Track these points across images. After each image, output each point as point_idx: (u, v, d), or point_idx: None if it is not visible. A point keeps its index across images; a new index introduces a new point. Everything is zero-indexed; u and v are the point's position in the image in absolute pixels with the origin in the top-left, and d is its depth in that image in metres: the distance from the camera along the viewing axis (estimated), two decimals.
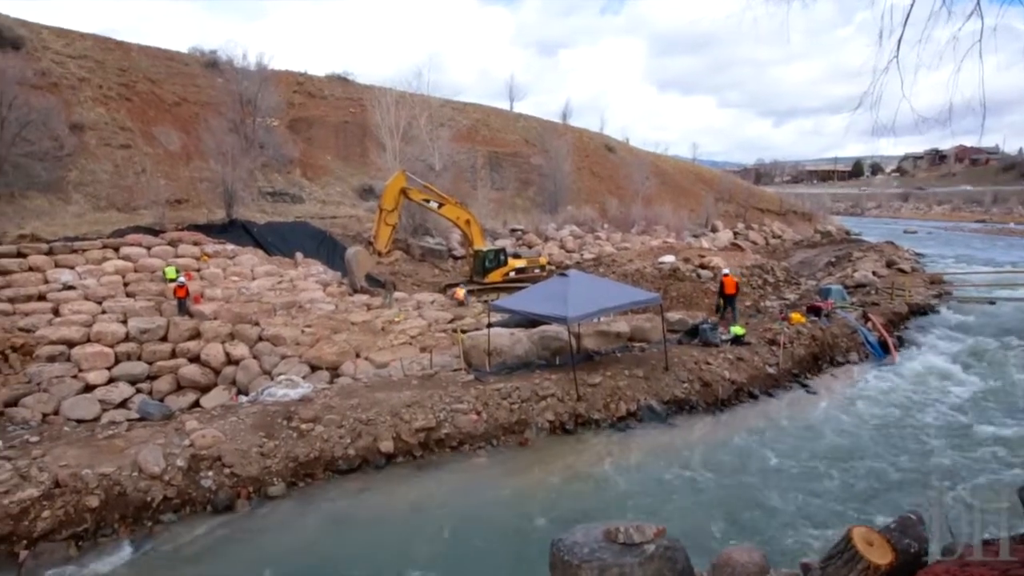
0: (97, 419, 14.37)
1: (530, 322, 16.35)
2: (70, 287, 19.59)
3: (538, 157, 46.20)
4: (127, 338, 17.47)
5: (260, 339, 17.84)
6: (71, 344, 16.82)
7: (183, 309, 19.19)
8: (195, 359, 17.29)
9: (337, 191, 35.13)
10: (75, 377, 15.83)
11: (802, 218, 59.09)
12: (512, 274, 26.85)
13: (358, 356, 17.06)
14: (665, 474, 11.42)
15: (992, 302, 25.00)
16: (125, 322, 18.07)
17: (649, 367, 14.99)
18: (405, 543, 9.27)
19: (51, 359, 16.16)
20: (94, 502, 9.34)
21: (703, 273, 26.84)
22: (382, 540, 9.39)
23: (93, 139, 27.81)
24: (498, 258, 27.07)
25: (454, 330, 18.53)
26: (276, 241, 26.48)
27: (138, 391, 16.18)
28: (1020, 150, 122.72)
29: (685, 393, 14.45)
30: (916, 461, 11.86)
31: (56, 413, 14.55)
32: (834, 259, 37.69)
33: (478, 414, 12.68)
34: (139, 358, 17.10)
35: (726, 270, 21.94)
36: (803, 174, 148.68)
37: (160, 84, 33.19)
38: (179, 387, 16.71)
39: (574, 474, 11.53)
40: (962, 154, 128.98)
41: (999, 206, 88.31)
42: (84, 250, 21.35)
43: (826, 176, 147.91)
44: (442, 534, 9.48)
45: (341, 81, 43.60)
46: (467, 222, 27.16)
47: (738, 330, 17.28)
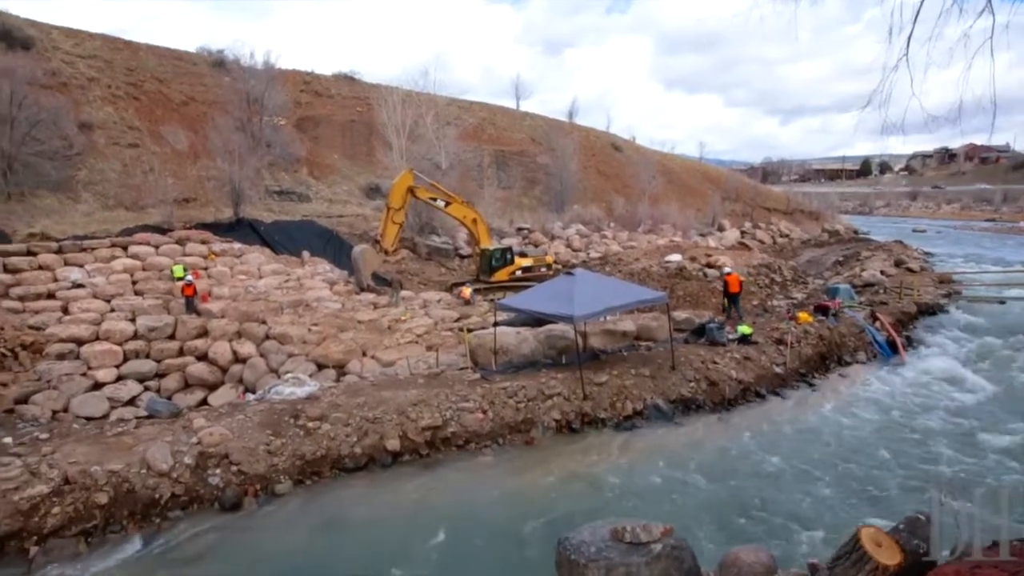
0: (106, 416, 14.43)
1: (536, 321, 16.34)
2: (79, 285, 19.72)
3: (544, 156, 46.18)
4: (135, 336, 17.58)
5: (267, 337, 17.90)
6: (80, 342, 16.94)
7: (191, 307, 19.28)
8: (203, 357, 17.37)
9: (344, 190, 35.21)
10: (84, 375, 15.94)
11: (809, 217, 58.80)
12: (518, 273, 26.84)
13: (364, 355, 17.11)
14: (671, 473, 11.40)
15: (1002, 302, 24.80)
16: (133, 320, 18.18)
17: (655, 366, 14.96)
18: (411, 541, 9.29)
19: (60, 357, 16.27)
20: (103, 499, 9.41)
21: (710, 272, 26.75)
22: (388, 538, 9.41)
23: (102, 138, 27.99)
24: (504, 257, 27.06)
25: (460, 329, 18.54)
26: (283, 240, 26.58)
27: (146, 389, 16.27)
28: None
29: (692, 392, 14.41)
30: (924, 462, 11.79)
31: (65, 410, 14.63)
32: (842, 258, 37.49)
33: (484, 413, 12.69)
34: (147, 356, 17.21)
35: (728, 268, 22.16)
36: (810, 173, 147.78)
37: (168, 83, 33.35)
38: (187, 385, 16.79)
39: (580, 473, 11.52)
40: (972, 152, 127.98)
41: (1009, 205, 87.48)
42: (93, 248, 21.50)
43: (834, 175, 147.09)
44: (448, 532, 9.49)
45: (348, 80, 43.69)
46: (474, 221, 27.18)
47: (745, 329, 17.21)
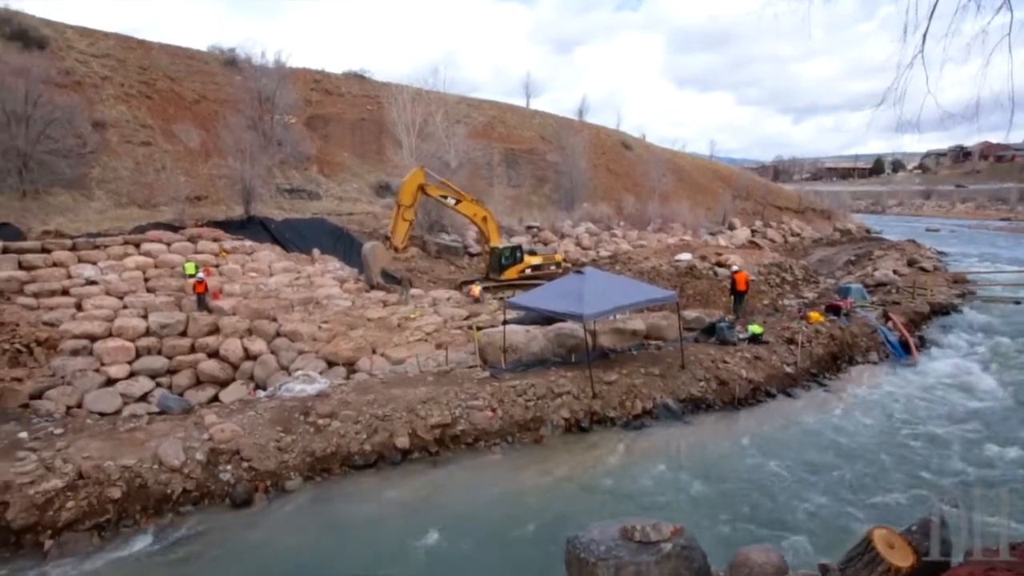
0: (119, 412, 14.59)
1: (546, 319, 16.32)
2: (92, 282, 19.91)
3: (554, 154, 46.07)
4: (148, 333, 17.74)
5: (277, 335, 18.01)
6: (93, 338, 17.12)
7: (202, 305, 19.42)
8: (214, 354, 17.52)
9: (354, 188, 35.31)
10: (97, 371, 16.12)
11: (821, 216, 58.38)
12: (528, 271, 26.83)
13: (374, 352, 17.16)
14: (681, 473, 11.36)
15: (1017, 302, 24.54)
16: (146, 317, 18.34)
17: (665, 365, 14.91)
18: (420, 539, 9.31)
19: (74, 353, 16.44)
20: (116, 493, 9.51)
21: (720, 271, 26.62)
22: (397, 535, 9.43)
23: (115, 136, 28.20)
24: (514, 255, 27.06)
25: (470, 327, 18.54)
26: (293, 237, 26.71)
27: (158, 385, 16.44)
28: None
29: (702, 392, 14.36)
30: (935, 464, 11.67)
31: (79, 406, 14.81)
32: (854, 257, 37.23)
33: (493, 411, 12.70)
34: (159, 352, 17.37)
35: (735, 267, 22.42)
36: (822, 171, 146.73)
37: (180, 82, 33.55)
38: (198, 382, 16.94)
39: (589, 472, 11.51)
40: (987, 151, 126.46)
41: None
42: (106, 246, 21.70)
43: (846, 173, 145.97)
44: (457, 530, 9.51)
45: (358, 78, 43.76)
46: (484, 219, 27.19)
47: (756, 329, 17.12)
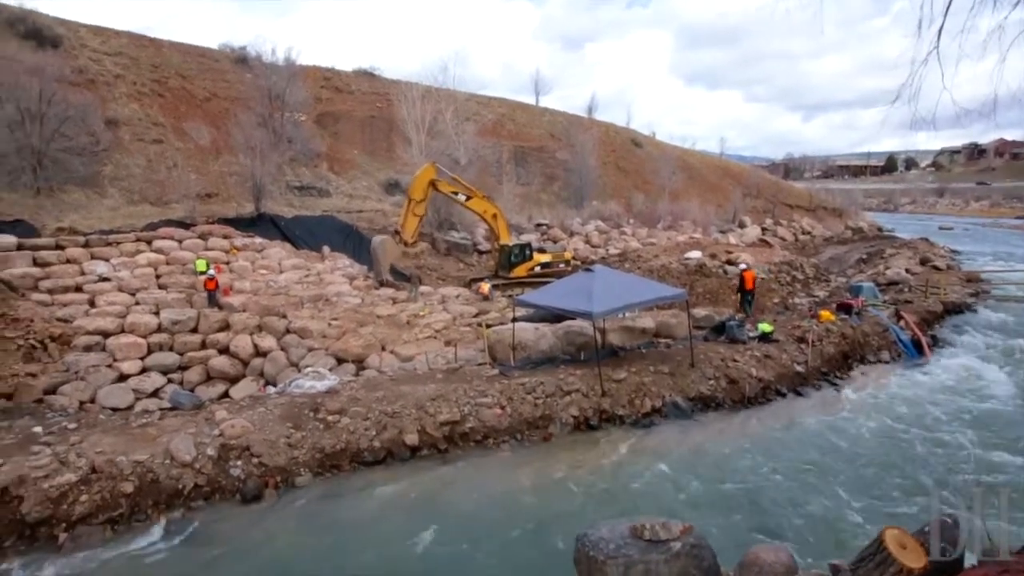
0: (131, 408, 14.73)
1: (555, 317, 16.31)
2: (105, 279, 20.07)
3: (564, 152, 45.99)
4: (159, 329, 17.87)
5: (287, 331, 18.09)
6: (106, 334, 17.25)
7: (213, 301, 19.53)
8: (224, 350, 17.61)
9: (363, 185, 35.39)
10: (110, 366, 16.25)
11: (832, 214, 57.93)
12: (537, 269, 26.81)
13: (383, 349, 17.21)
14: (690, 471, 11.32)
15: None
16: (157, 313, 18.46)
17: (675, 363, 14.86)
18: (428, 535, 9.34)
19: (87, 349, 16.59)
20: (128, 488, 9.60)
21: (730, 269, 26.53)
22: (406, 531, 9.46)
23: (127, 134, 28.41)
24: (523, 253, 27.04)
25: (479, 324, 18.57)
26: (303, 234, 26.81)
27: (169, 381, 16.56)
28: None
29: (711, 390, 14.31)
30: (948, 465, 11.56)
31: (92, 401, 14.95)
32: (865, 256, 36.93)
33: (502, 408, 12.71)
34: (171, 349, 17.49)
35: (743, 265, 22.81)
36: (834, 169, 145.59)
37: (191, 80, 33.75)
38: (209, 378, 17.04)
39: (598, 470, 11.49)
40: (1002, 148, 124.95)
41: None
42: (118, 243, 21.84)
43: (858, 171, 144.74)
44: (465, 527, 9.53)
45: (368, 76, 43.86)
46: (494, 216, 27.18)
47: (766, 327, 17.03)
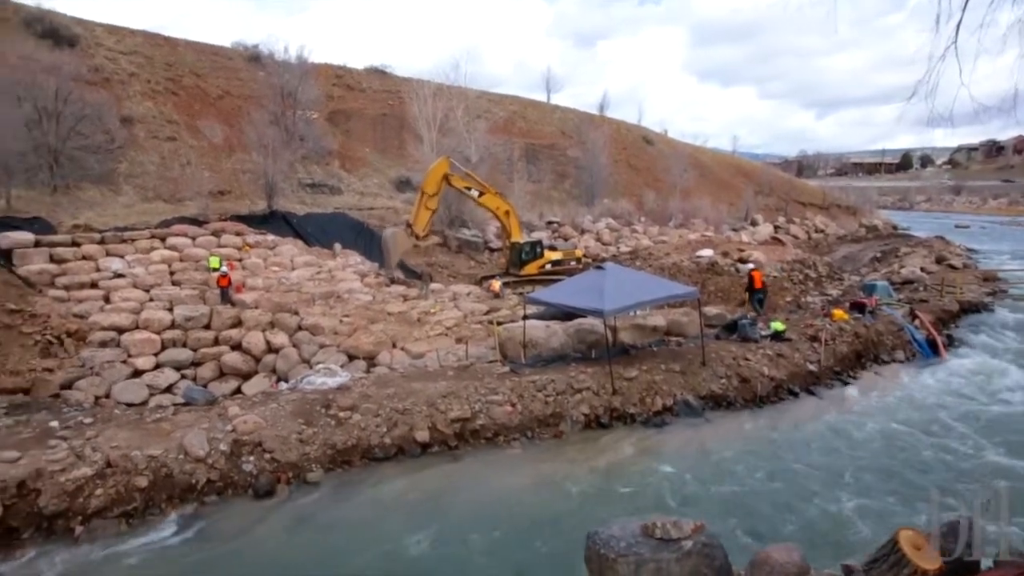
0: (145, 403, 14.88)
1: (566, 315, 16.28)
2: (120, 275, 20.29)
3: (575, 149, 45.90)
4: (173, 325, 18.06)
5: (299, 328, 18.20)
6: (121, 330, 17.46)
7: (226, 298, 19.69)
8: (237, 347, 17.76)
9: (375, 183, 35.51)
10: (124, 362, 16.45)
11: (846, 212, 57.45)
12: (548, 266, 26.80)
13: (394, 346, 17.27)
14: (701, 470, 11.27)
15: None
16: (171, 310, 18.65)
17: (686, 362, 14.80)
18: (439, 531, 9.37)
19: (103, 344, 16.79)
20: (143, 482, 9.70)
21: (742, 267, 26.36)
22: (416, 528, 9.49)
23: (142, 132, 28.68)
24: (534, 250, 27.03)
25: (490, 322, 18.60)
26: (315, 232, 26.97)
27: (183, 377, 16.73)
28: None
29: (722, 389, 14.23)
30: (963, 466, 11.42)
31: (107, 396, 15.13)
32: (880, 254, 36.59)
33: (513, 406, 12.71)
34: (184, 345, 17.66)
35: (751, 264, 23.17)
36: (848, 167, 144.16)
37: (205, 78, 34.01)
38: (222, 374, 17.20)
39: (608, 468, 11.47)
40: (1021, 145, 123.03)
41: None
42: (133, 239, 22.07)
43: (872, 169, 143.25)
44: (475, 524, 9.55)
45: (379, 74, 43.98)
46: (506, 213, 27.18)
47: (778, 326, 16.91)
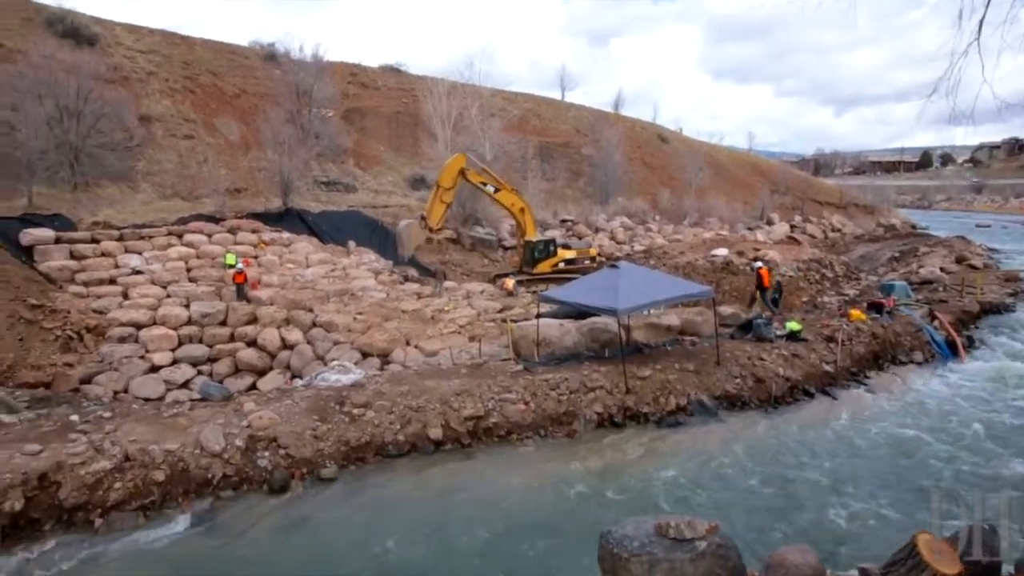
0: (162, 398, 15.08)
1: (579, 313, 16.25)
2: (138, 272, 20.56)
3: (589, 147, 45.74)
4: (189, 321, 18.26)
5: (314, 325, 18.33)
6: (139, 326, 17.70)
7: (241, 295, 19.87)
8: (252, 343, 17.92)
9: (389, 181, 35.65)
10: (142, 358, 16.68)
11: (864, 211, 56.73)
12: (561, 265, 26.75)
13: (408, 344, 17.34)
14: (716, 471, 11.21)
15: None
16: (188, 306, 18.87)
17: (700, 361, 14.71)
18: (451, 528, 9.40)
19: (121, 340, 17.03)
20: (160, 476, 9.83)
21: (754, 266, 26.18)
22: (428, 524, 9.54)
23: (160, 130, 29.01)
24: (548, 249, 26.99)
25: (503, 320, 18.61)
26: (330, 229, 27.13)
27: (199, 372, 16.92)
28: None
29: (737, 389, 14.13)
30: (981, 470, 11.24)
31: (126, 391, 15.36)
32: (898, 254, 36.10)
33: (526, 404, 12.71)
34: (200, 341, 17.85)
35: (759, 263, 23.14)
36: (866, 165, 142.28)
37: (222, 76, 34.31)
38: (237, 370, 17.36)
39: (622, 467, 11.44)
40: None
41: None
42: (151, 236, 22.35)
43: (891, 167, 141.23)
44: (488, 522, 9.57)
45: (394, 72, 44.11)
46: (521, 210, 27.15)
47: (794, 326, 16.76)
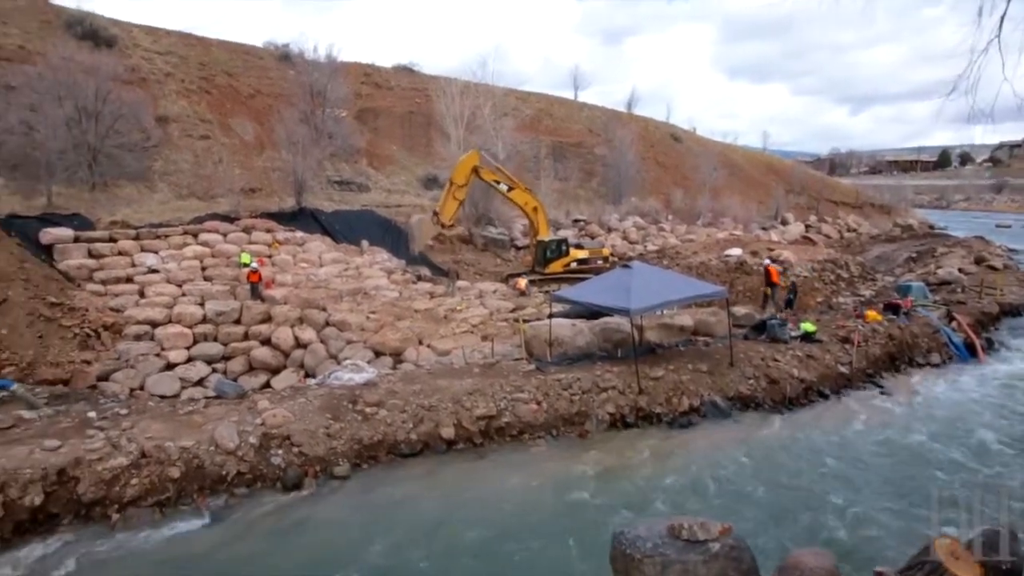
0: (177, 396, 15.21)
1: (592, 313, 16.22)
2: (154, 270, 20.76)
3: (602, 147, 45.61)
4: (204, 320, 18.38)
5: (327, 324, 18.42)
6: (155, 324, 17.86)
7: (255, 293, 20.00)
8: (266, 342, 18.03)
9: (402, 180, 35.77)
10: (158, 355, 16.83)
11: (880, 211, 56.12)
12: (574, 265, 26.69)
13: (421, 343, 17.39)
14: (729, 472, 11.14)
15: None
16: (203, 305, 19.01)
17: (713, 362, 14.63)
18: (462, 527, 9.42)
19: (137, 338, 17.20)
20: (176, 473, 9.94)
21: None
22: (440, 523, 9.56)
23: (176, 131, 29.31)
24: (560, 248, 26.94)
25: (516, 320, 18.60)
26: (343, 229, 27.25)
27: (214, 370, 17.04)
28: None
29: (751, 390, 14.04)
30: (998, 474, 11.10)
31: (142, 388, 15.51)
32: (915, 254, 35.64)
33: (538, 404, 12.70)
34: (215, 339, 17.98)
35: (767, 260, 23.49)
36: (882, 164, 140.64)
37: (237, 77, 34.60)
38: (251, 368, 17.48)
39: (634, 468, 11.40)
40: None
41: None
42: (167, 236, 22.55)
43: (908, 167, 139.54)
44: (500, 521, 9.58)
45: (407, 72, 44.25)
46: (534, 209, 27.11)
47: (808, 327, 16.63)
